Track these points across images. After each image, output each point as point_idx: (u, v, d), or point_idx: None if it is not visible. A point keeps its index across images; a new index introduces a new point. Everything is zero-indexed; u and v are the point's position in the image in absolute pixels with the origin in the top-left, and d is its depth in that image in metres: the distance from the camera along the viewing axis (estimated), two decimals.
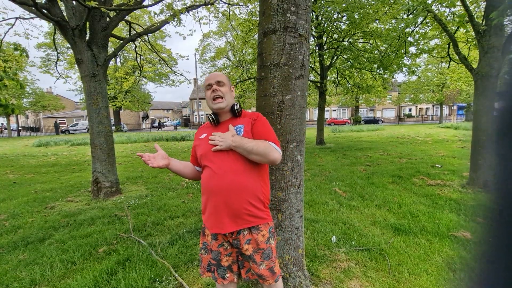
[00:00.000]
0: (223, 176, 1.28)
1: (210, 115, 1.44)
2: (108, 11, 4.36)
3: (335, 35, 9.79)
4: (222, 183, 1.27)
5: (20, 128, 37.30)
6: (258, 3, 1.95)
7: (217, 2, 6.16)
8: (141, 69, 8.48)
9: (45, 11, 4.06)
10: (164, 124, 36.32)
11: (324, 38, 9.67)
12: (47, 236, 3.12)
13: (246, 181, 1.29)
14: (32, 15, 4.83)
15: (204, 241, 1.42)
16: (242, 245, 1.31)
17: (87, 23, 4.34)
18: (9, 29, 5.18)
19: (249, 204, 1.29)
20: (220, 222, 1.29)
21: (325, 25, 8.84)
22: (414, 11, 5.17)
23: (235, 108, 1.41)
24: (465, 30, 6.09)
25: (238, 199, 1.27)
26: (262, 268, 1.32)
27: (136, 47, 7.66)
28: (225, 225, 1.28)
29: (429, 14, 4.63)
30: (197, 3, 5.72)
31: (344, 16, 8.54)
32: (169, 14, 4.90)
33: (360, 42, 10.42)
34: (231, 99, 1.43)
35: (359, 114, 36.50)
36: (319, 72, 11.03)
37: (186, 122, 46.47)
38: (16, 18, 5.09)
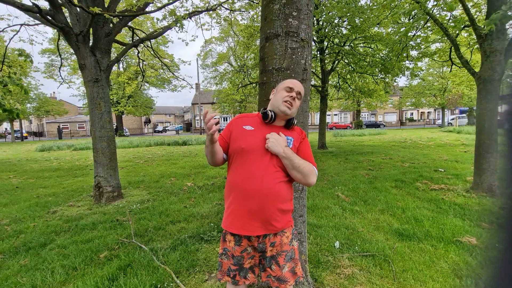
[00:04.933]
0: (262, 180, 1.27)
1: (271, 111, 1.38)
2: (112, 17, 4.42)
3: (336, 40, 9.85)
4: (261, 186, 1.26)
5: (25, 132, 37.50)
6: (260, 9, 1.97)
7: (219, 8, 6.22)
8: (144, 74, 8.55)
9: (50, 18, 4.11)
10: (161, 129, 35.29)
11: (325, 43, 9.72)
12: (48, 241, 3.11)
13: (282, 190, 1.31)
14: (37, 22, 4.91)
15: (224, 247, 1.39)
16: (267, 248, 1.33)
17: (91, 29, 4.39)
18: (14, 35, 5.26)
19: (281, 211, 1.31)
20: (250, 224, 1.28)
21: (326, 30, 8.90)
22: (415, 16, 5.19)
23: (293, 121, 1.42)
24: (467, 34, 6.10)
25: (273, 206, 1.28)
26: (285, 270, 1.33)
27: (138, 52, 7.75)
28: (255, 228, 1.29)
29: (429, 18, 4.64)
30: (200, 9, 5.78)
31: (345, 20, 8.60)
32: (171, 20, 4.96)
33: (361, 46, 10.47)
34: (295, 113, 1.44)
35: (360, 118, 36.45)
36: (320, 77, 11.08)
37: (188, 127, 46.99)
38: (21, 25, 5.16)
